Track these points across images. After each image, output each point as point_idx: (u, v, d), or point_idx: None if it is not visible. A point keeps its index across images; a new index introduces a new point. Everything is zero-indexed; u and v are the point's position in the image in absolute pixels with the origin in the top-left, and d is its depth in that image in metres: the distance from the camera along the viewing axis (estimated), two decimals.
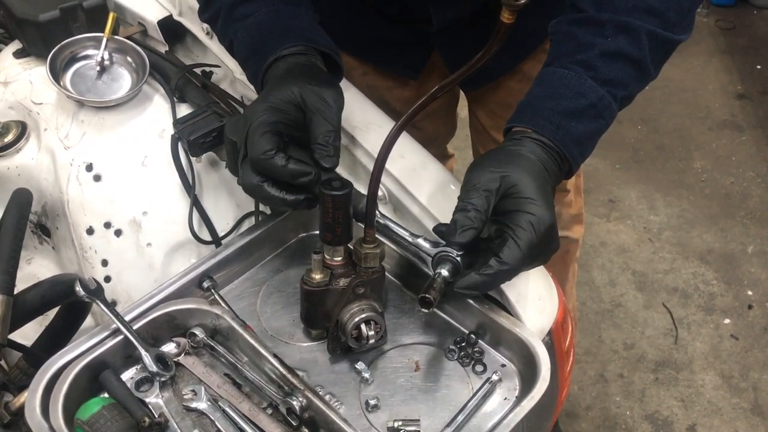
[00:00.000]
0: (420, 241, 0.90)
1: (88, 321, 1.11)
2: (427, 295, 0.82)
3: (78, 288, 0.87)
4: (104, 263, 1.14)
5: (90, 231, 1.14)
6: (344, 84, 1.08)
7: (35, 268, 1.27)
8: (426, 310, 0.83)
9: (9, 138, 1.20)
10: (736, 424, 2.15)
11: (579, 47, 0.92)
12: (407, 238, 0.92)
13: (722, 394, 2.22)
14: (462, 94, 1.59)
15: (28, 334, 1.03)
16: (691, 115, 3.27)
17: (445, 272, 0.85)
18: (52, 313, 1.06)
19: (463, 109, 1.64)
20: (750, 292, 2.51)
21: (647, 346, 2.36)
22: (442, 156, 1.85)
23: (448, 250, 0.86)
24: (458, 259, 0.86)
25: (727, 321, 2.43)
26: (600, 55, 0.91)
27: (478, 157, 1.08)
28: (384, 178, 1.01)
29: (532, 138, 0.89)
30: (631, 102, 0.97)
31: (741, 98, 3.35)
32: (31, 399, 0.79)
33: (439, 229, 0.91)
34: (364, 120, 1.08)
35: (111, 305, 0.87)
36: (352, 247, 0.90)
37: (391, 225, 0.92)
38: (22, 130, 1.22)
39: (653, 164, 3.02)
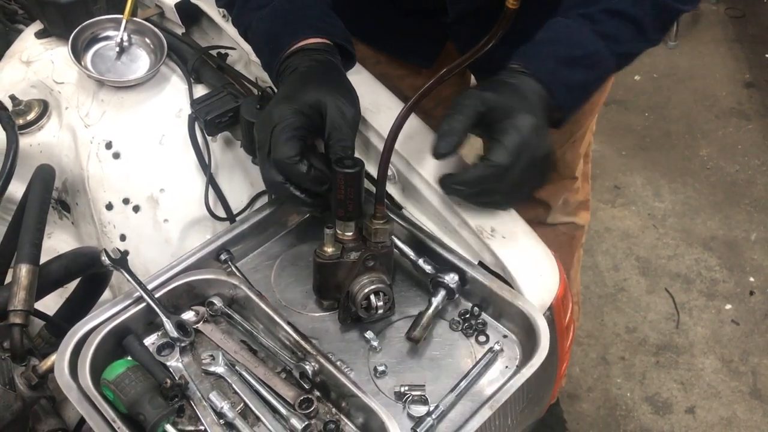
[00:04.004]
0: (421, 262, 0.98)
1: (107, 294, 1.15)
2: (414, 334, 0.90)
3: (103, 257, 0.90)
4: (122, 238, 1.17)
5: (109, 207, 1.17)
6: (356, 68, 1.10)
7: (55, 243, 1.30)
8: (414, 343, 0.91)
9: (31, 116, 1.24)
10: (735, 407, 2.18)
11: (586, 2, 0.99)
12: (411, 256, 0.99)
13: (722, 377, 2.25)
14: (473, 81, 1.61)
15: (49, 305, 1.08)
16: (698, 103, 3.26)
17: (435, 301, 0.93)
18: (71, 287, 1.10)
19: None
20: (752, 279, 2.53)
21: (649, 330, 2.38)
22: None
23: (444, 275, 0.94)
24: (453, 285, 0.93)
25: (728, 306, 2.45)
26: (603, 11, 0.97)
27: None
28: (393, 158, 1.03)
29: (527, 74, 0.94)
30: (632, 60, 1.02)
31: (749, 87, 3.34)
32: (59, 360, 0.83)
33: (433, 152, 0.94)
34: (375, 102, 1.10)
35: (134, 275, 0.91)
36: (363, 223, 0.94)
37: (398, 242, 0.99)
38: (44, 108, 1.25)
39: (659, 151, 3.02)
